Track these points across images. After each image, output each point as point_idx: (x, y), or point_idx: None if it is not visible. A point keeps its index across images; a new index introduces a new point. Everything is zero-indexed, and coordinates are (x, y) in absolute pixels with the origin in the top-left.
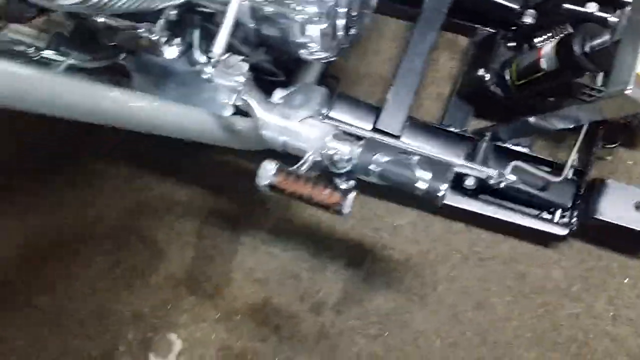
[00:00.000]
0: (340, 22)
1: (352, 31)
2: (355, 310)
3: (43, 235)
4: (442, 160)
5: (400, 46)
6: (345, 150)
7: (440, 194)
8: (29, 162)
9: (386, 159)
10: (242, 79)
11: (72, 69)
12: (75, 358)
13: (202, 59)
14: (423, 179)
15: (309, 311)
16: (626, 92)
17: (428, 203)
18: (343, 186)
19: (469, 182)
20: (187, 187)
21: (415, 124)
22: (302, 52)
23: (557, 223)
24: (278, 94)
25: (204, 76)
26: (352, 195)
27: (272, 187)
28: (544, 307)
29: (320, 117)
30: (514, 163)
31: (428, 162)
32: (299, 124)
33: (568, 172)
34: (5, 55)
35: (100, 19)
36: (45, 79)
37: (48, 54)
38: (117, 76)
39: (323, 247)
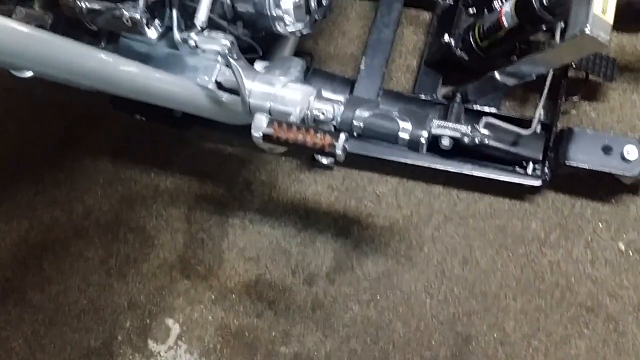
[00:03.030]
0: None
1: (324, 2)
2: (347, 278)
3: (34, 233)
4: (420, 111)
5: (365, 26)
6: (328, 109)
7: (422, 141)
8: (15, 162)
9: (368, 113)
10: (228, 43)
11: None
12: (74, 352)
13: (180, 38)
14: (405, 129)
15: (302, 283)
16: (585, 30)
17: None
18: None
19: (445, 143)
20: (172, 176)
21: (389, 93)
22: (278, 26)
23: (530, 175)
24: (259, 65)
25: (191, 43)
26: (343, 135)
27: (266, 136)
28: (525, 257)
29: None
30: (485, 119)
31: (407, 113)
32: (283, 89)
33: (536, 126)
34: None
35: (82, 3)
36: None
37: None
38: None
39: (310, 220)
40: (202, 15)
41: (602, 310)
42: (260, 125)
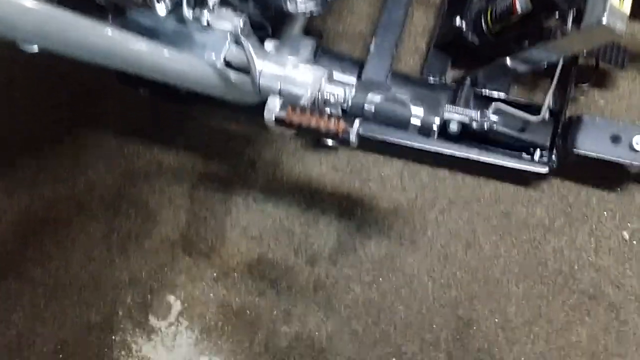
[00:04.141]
0: None
1: None
2: (350, 259)
3: (35, 208)
4: (431, 96)
5: (374, 4)
6: (339, 92)
7: (434, 127)
8: (17, 136)
9: (380, 97)
10: (241, 22)
11: None
12: (75, 326)
13: (191, 14)
14: (416, 115)
15: (305, 263)
16: (602, 21)
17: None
18: None
19: (453, 127)
20: (176, 152)
21: (398, 75)
22: (289, 5)
23: (538, 162)
24: (269, 45)
25: (203, 21)
26: (357, 121)
27: (279, 120)
28: (529, 243)
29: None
30: (495, 104)
31: (419, 98)
32: (294, 70)
33: (545, 113)
34: None
35: None
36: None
37: None
38: None
39: (314, 201)
40: None
41: (604, 298)
42: (273, 108)
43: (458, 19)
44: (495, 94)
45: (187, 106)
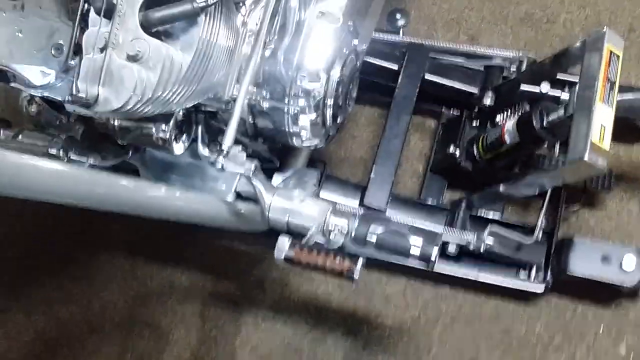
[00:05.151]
0: (328, 112)
1: (339, 119)
2: None
3: (50, 329)
4: (429, 229)
5: (374, 131)
6: (343, 224)
7: (433, 257)
8: (32, 259)
9: (381, 229)
10: (252, 166)
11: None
12: None
13: (205, 151)
14: (416, 245)
15: None
16: (584, 158)
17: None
18: None
19: (451, 249)
20: (187, 271)
21: (398, 199)
22: (295, 141)
23: (534, 281)
24: (277, 179)
25: (218, 166)
26: (361, 260)
27: (288, 260)
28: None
29: (316, 196)
30: (490, 227)
31: (418, 230)
32: (301, 204)
33: (538, 234)
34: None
35: (114, 121)
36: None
37: (73, 156)
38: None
39: (321, 319)
40: (228, 140)
41: None
42: (282, 248)
43: (452, 146)
44: (490, 214)
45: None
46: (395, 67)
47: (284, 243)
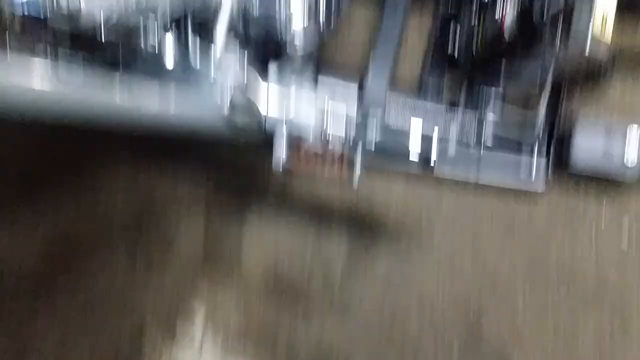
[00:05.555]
0: (322, 16)
1: (332, 25)
2: (360, 276)
3: (56, 241)
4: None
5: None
6: (341, 112)
7: (432, 162)
8: (33, 173)
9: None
10: (243, 78)
11: None
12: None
13: (196, 63)
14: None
15: (319, 278)
16: (585, 50)
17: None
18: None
19: (451, 150)
20: (189, 180)
21: (397, 93)
22: (288, 49)
23: (534, 181)
24: (272, 67)
25: (209, 79)
26: (358, 169)
27: (286, 168)
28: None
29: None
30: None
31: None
32: (297, 104)
33: (539, 128)
34: None
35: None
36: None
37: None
38: None
39: (324, 218)
40: (218, 49)
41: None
42: (279, 158)
43: (450, 45)
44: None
45: None
46: None
47: (281, 153)
